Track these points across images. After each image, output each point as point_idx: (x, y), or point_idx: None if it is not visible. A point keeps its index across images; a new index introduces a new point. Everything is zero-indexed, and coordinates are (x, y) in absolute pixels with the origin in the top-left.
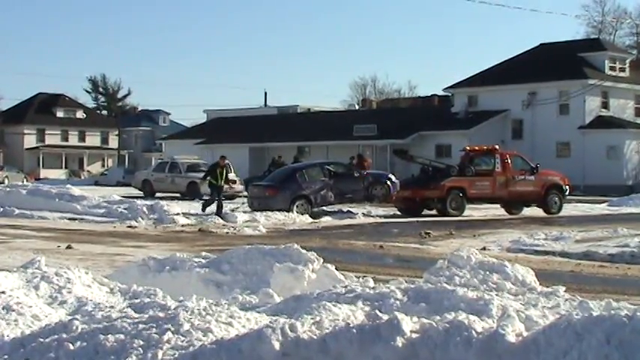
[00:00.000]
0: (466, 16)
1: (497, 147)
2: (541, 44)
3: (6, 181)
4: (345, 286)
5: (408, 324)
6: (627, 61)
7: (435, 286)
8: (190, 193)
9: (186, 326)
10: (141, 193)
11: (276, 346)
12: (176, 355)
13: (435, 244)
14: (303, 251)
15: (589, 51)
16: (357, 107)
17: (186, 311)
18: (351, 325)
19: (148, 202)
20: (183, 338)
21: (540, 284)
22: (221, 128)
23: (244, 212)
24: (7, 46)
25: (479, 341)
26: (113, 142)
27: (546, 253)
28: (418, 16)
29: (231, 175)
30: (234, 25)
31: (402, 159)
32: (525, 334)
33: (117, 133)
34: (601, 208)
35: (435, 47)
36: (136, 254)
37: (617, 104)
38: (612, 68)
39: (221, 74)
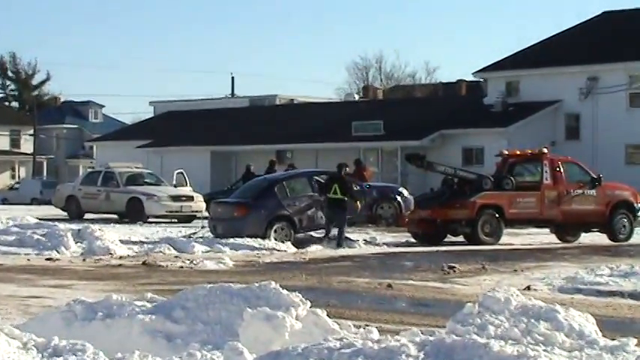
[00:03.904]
0: None
1: (545, 151)
2: (604, 12)
3: None
4: (341, 339)
5: None
6: None
7: (462, 338)
8: (131, 213)
9: None
10: (65, 214)
11: None
12: None
13: (463, 282)
14: (284, 292)
15: None
16: (356, 97)
17: None
18: None
19: (74, 227)
20: None
21: (603, 335)
22: (173, 126)
23: (204, 239)
24: None
25: None
26: (27, 144)
27: (612, 294)
28: None
29: (187, 189)
30: None
31: (417, 167)
32: None
33: (32, 132)
34: None
35: (462, 17)
36: (58, 296)
37: None
38: None
39: (173, 54)
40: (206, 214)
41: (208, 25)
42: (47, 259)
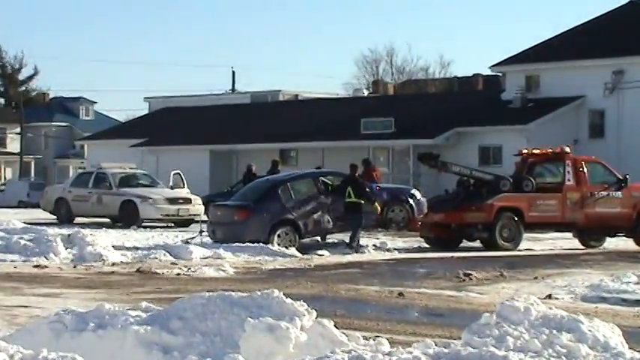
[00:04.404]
0: None
1: (567, 150)
2: (630, 2)
3: None
4: (349, 351)
5: None
6: None
7: (478, 350)
8: (125, 217)
9: None
10: (54, 218)
11: None
12: None
13: (479, 291)
14: (288, 301)
15: None
16: (365, 93)
17: None
18: None
19: (64, 231)
20: None
21: (630, 348)
22: (170, 123)
23: (203, 245)
24: None
25: None
26: (13, 143)
27: (639, 303)
28: None
29: (184, 191)
30: None
31: (430, 167)
32: None
33: (19, 130)
34: None
35: (478, 7)
36: (47, 306)
37: None
38: None
39: (169, 47)
40: (205, 217)
41: (207, 16)
42: (35, 266)
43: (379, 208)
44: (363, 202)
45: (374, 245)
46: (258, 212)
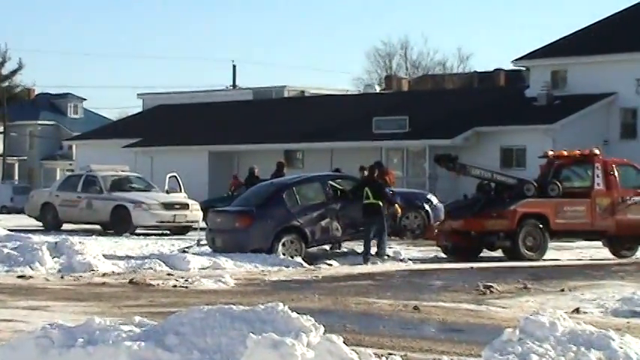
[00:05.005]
0: None
1: (597, 151)
2: None
3: None
4: None
5: None
6: None
7: None
8: (116, 223)
9: None
10: (40, 225)
11: None
12: None
13: (501, 304)
14: (294, 315)
15: None
16: (377, 89)
17: None
18: None
19: (51, 239)
20: None
21: None
22: (165, 122)
23: (201, 254)
24: None
25: None
26: None
27: None
28: None
29: (181, 196)
30: None
31: (448, 170)
32: None
33: (1, 129)
34: None
35: None
36: (32, 320)
37: None
38: None
39: (165, 39)
40: (203, 224)
41: (206, 7)
42: (19, 277)
43: (399, 210)
44: (382, 203)
45: (387, 255)
46: (261, 219)
